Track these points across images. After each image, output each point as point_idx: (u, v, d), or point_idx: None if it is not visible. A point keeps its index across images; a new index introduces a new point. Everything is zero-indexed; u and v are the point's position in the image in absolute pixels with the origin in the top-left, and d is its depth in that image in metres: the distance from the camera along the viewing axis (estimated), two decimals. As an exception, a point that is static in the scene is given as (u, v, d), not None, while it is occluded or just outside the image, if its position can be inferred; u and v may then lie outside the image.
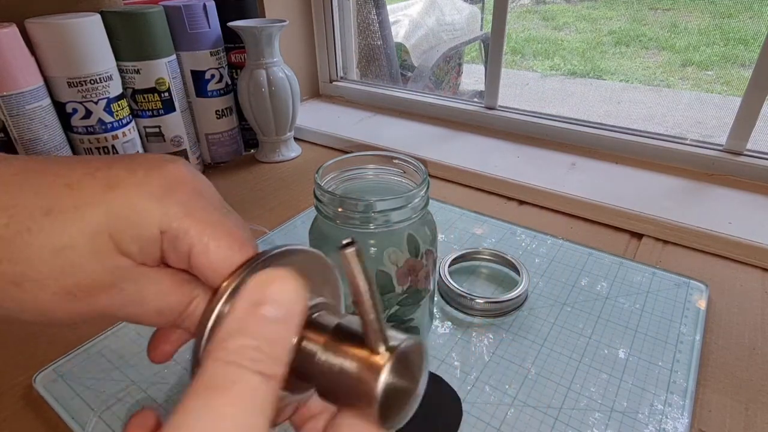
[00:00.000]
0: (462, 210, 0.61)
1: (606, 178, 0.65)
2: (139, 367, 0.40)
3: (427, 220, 0.36)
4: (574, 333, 0.42)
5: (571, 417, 0.35)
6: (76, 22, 0.56)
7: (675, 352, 0.40)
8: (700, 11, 1.76)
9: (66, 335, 0.44)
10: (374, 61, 1.08)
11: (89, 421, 0.35)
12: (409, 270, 0.35)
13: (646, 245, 0.55)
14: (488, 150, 0.75)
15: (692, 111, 1.41)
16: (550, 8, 2.21)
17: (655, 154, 0.68)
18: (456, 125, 0.84)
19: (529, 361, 0.40)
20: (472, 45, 1.70)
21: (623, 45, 1.85)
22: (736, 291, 0.48)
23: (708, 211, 0.57)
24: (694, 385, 0.37)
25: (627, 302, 0.46)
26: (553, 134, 0.76)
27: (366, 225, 0.33)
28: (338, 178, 0.38)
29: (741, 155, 0.64)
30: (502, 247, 0.54)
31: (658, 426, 0.34)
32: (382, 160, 0.38)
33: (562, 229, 0.59)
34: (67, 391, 0.38)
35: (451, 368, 0.39)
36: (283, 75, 0.72)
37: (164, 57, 0.66)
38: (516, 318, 0.44)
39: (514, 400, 0.36)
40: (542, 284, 0.48)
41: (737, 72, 1.56)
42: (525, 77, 1.86)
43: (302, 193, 0.68)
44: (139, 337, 0.43)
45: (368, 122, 0.87)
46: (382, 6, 1.07)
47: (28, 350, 0.43)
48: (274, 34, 0.68)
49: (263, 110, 0.72)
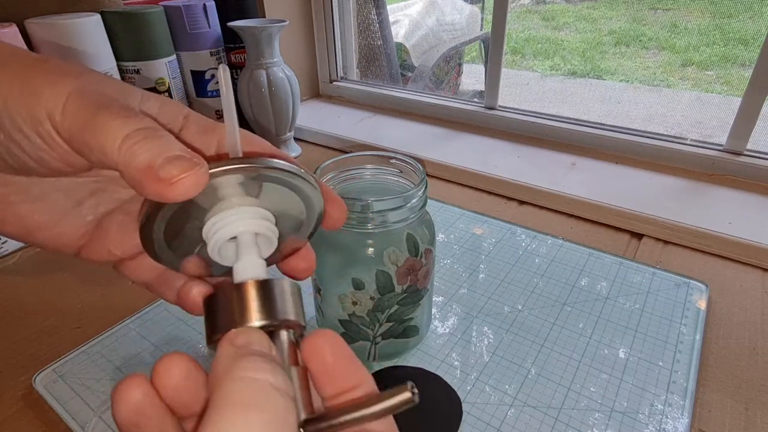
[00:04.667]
0: (462, 210, 0.61)
1: (606, 178, 0.65)
2: (139, 367, 0.40)
3: (425, 220, 0.36)
4: (574, 333, 0.42)
5: (571, 417, 0.35)
6: (76, 22, 0.56)
7: (675, 352, 0.40)
8: (700, 11, 1.76)
9: (66, 335, 0.44)
10: (374, 61, 1.08)
11: (89, 421, 0.35)
12: (409, 269, 0.35)
13: (646, 245, 0.55)
14: (488, 150, 0.75)
15: (692, 111, 1.41)
16: (550, 8, 2.21)
17: (655, 154, 0.68)
18: (456, 125, 0.84)
19: (529, 361, 0.40)
20: (472, 45, 1.70)
21: (623, 45, 1.85)
22: (736, 291, 0.48)
23: (708, 211, 0.57)
24: (694, 385, 0.37)
25: (627, 302, 0.46)
26: (553, 134, 0.76)
27: (364, 225, 0.33)
28: (336, 178, 0.38)
29: (741, 155, 0.64)
30: (502, 247, 0.54)
31: (658, 426, 0.34)
32: (380, 160, 0.38)
33: (562, 229, 0.58)
34: (67, 391, 0.38)
35: (451, 368, 0.39)
36: (283, 75, 0.72)
37: (164, 57, 0.66)
38: (516, 317, 0.44)
39: (514, 400, 0.36)
40: (542, 284, 0.48)
41: (737, 72, 1.56)
42: (525, 77, 1.86)
43: (302, 193, 0.68)
44: (139, 337, 0.43)
45: (368, 122, 0.87)
46: (382, 6, 1.07)
47: (28, 350, 0.43)
48: (274, 34, 0.69)
49: (263, 110, 0.72)
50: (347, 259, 0.35)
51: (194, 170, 0.16)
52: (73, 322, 0.46)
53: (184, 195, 0.16)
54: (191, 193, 0.16)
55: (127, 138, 0.16)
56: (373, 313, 0.36)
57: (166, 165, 0.16)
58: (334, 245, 0.35)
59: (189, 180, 0.16)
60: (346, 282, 0.35)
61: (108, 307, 0.47)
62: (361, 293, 0.35)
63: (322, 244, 0.36)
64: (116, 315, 0.46)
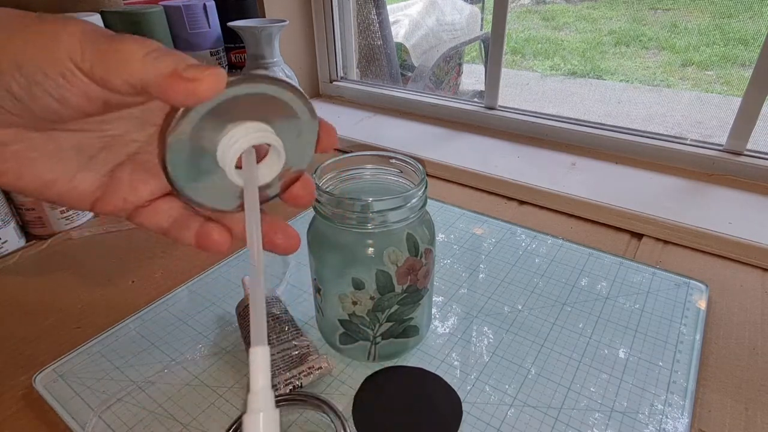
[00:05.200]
0: (462, 210, 0.61)
1: (606, 178, 0.65)
2: (139, 367, 0.40)
3: (426, 220, 0.36)
4: (574, 333, 0.42)
5: (571, 417, 0.35)
6: (76, 23, 0.57)
7: (675, 352, 0.40)
8: (700, 11, 1.76)
9: (66, 335, 0.44)
10: (374, 61, 1.08)
11: (89, 421, 0.35)
12: (409, 269, 0.35)
13: (646, 245, 0.55)
14: (488, 150, 0.75)
15: (692, 111, 1.41)
16: (550, 8, 2.21)
17: (655, 154, 0.68)
18: (456, 125, 0.84)
19: (529, 361, 0.40)
20: (472, 45, 1.70)
21: (623, 45, 1.85)
22: (736, 291, 0.48)
23: (708, 211, 0.57)
24: (694, 385, 0.37)
25: (627, 302, 0.46)
26: (553, 134, 0.76)
27: (364, 225, 0.33)
28: (336, 178, 0.38)
29: (741, 155, 0.64)
30: (502, 247, 0.54)
31: (658, 426, 0.34)
32: (380, 160, 0.38)
33: (562, 229, 0.59)
34: (67, 391, 0.38)
35: (451, 368, 0.39)
36: (283, 75, 0.72)
37: (164, 57, 0.66)
38: (516, 317, 0.44)
39: (514, 400, 0.36)
40: (542, 284, 0.48)
41: (737, 72, 1.56)
42: (525, 77, 1.86)
43: (302, 193, 0.68)
44: (139, 337, 0.43)
45: (368, 122, 0.87)
46: (382, 6, 1.07)
47: (28, 350, 0.43)
48: (274, 33, 0.69)
49: (263, 110, 0.72)
50: (347, 259, 0.35)
51: (214, 70, 0.18)
52: (73, 322, 0.46)
53: (208, 91, 0.18)
54: (214, 90, 0.18)
55: (147, 55, 0.18)
56: (373, 313, 0.36)
57: (189, 69, 0.18)
58: (334, 245, 0.35)
59: (211, 78, 0.18)
60: (346, 282, 0.35)
61: (108, 307, 0.48)
62: (361, 293, 0.35)
63: (323, 244, 0.36)
64: (116, 315, 0.46)
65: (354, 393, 0.37)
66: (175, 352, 0.41)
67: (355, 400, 0.36)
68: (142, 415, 0.36)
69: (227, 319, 0.45)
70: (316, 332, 0.42)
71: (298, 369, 0.37)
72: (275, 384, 0.36)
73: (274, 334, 0.39)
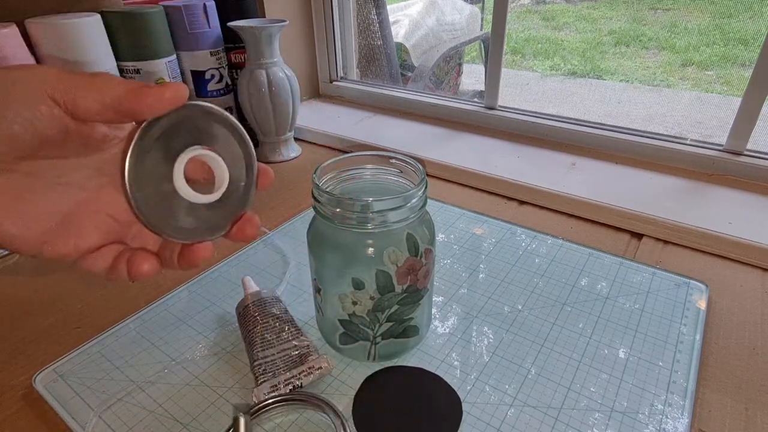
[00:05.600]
0: (462, 210, 0.61)
1: (606, 178, 0.65)
2: (139, 367, 0.40)
3: (426, 220, 0.36)
4: (574, 333, 0.42)
5: (571, 417, 0.35)
6: (76, 22, 0.56)
7: (675, 352, 0.40)
8: (700, 11, 1.76)
9: (66, 335, 0.44)
10: (374, 61, 1.08)
11: (89, 421, 0.35)
12: (409, 269, 0.35)
13: (646, 245, 0.55)
14: (488, 150, 0.75)
15: (692, 111, 1.41)
16: (550, 8, 2.21)
17: (655, 154, 0.68)
18: (456, 125, 0.84)
19: (529, 361, 0.40)
20: (472, 45, 1.70)
21: (623, 45, 1.85)
22: (736, 291, 0.48)
23: (708, 211, 0.57)
24: (694, 385, 0.37)
25: (627, 302, 0.46)
26: (553, 134, 0.76)
27: (364, 225, 0.33)
28: (336, 178, 0.38)
29: (741, 155, 0.64)
30: (502, 247, 0.54)
31: (658, 426, 0.34)
32: (380, 160, 0.38)
33: (562, 229, 0.59)
34: (67, 391, 0.38)
35: (451, 368, 0.39)
36: (283, 75, 0.72)
37: (164, 57, 0.66)
38: (516, 317, 0.44)
39: (514, 400, 0.36)
40: (542, 284, 0.48)
41: (737, 72, 1.56)
42: (525, 77, 1.86)
43: (302, 193, 0.68)
44: (139, 337, 0.43)
45: (368, 122, 0.87)
46: (382, 6, 1.07)
47: (28, 350, 0.43)
48: (274, 34, 0.69)
49: (263, 110, 0.72)
50: (347, 259, 0.35)
51: (177, 83, 0.21)
52: (73, 322, 0.46)
53: (173, 99, 0.21)
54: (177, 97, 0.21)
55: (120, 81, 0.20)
56: (373, 313, 0.36)
57: (155, 86, 0.20)
58: (334, 245, 0.35)
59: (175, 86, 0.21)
60: (346, 282, 0.35)
61: (108, 307, 0.48)
62: (361, 293, 0.35)
63: (323, 244, 0.36)
64: (116, 315, 0.46)
65: (354, 393, 0.37)
66: (175, 352, 0.41)
67: (355, 400, 0.36)
68: (142, 415, 0.36)
69: (227, 319, 0.45)
70: (316, 332, 0.42)
71: (298, 369, 0.37)
72: (276, 384, 0.36)
73: (274, 334, 0.39)
